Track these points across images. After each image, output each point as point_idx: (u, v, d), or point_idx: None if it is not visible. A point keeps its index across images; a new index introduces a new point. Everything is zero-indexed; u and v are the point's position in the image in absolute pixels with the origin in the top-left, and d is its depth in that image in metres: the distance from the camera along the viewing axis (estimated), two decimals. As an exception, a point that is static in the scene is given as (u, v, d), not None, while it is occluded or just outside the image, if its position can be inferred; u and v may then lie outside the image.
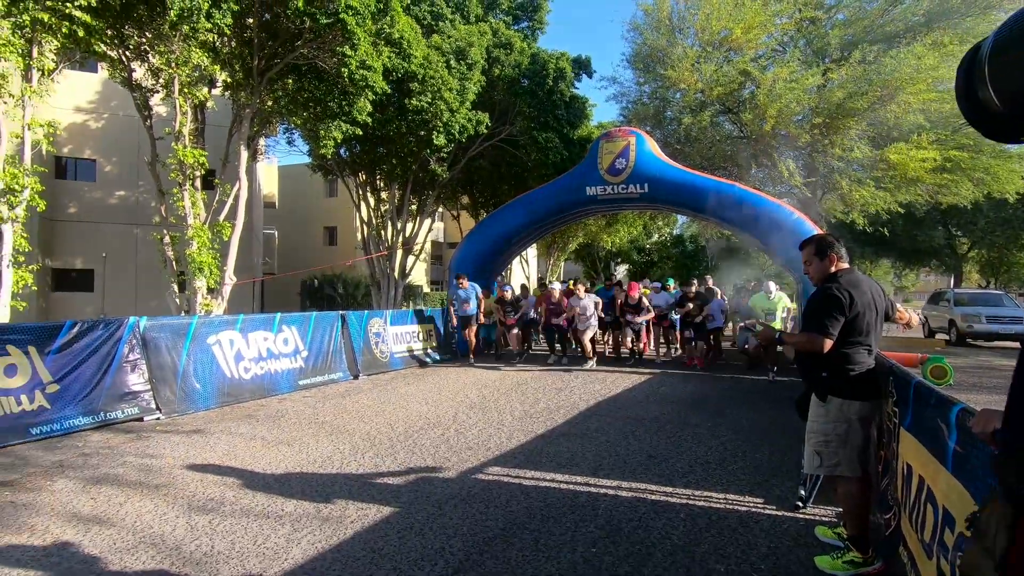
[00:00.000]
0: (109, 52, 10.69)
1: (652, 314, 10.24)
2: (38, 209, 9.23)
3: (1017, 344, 14.25)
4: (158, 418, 5.96)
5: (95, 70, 17.33)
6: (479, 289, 10.36)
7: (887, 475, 3.09)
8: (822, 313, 2.84)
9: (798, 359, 3.28)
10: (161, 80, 10.86)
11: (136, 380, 5.97)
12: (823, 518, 3.44)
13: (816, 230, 9.26)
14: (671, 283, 11.72)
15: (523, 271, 30.30)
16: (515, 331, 10.82)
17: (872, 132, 13.20)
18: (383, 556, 2.93)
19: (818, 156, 13.84)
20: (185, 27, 9.26)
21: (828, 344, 2.82)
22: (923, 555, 2.15)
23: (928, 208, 18.23)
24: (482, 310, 10.40)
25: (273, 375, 7.44)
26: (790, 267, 9.87)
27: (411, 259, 19.81)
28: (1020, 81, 1.20)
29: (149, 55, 10.92)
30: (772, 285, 8.95)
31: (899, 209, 14.98)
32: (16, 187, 8.46)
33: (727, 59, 14.37)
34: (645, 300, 10.20)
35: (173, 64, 9.99)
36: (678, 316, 10.37)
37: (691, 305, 9.74)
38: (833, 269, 3.00)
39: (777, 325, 7.85)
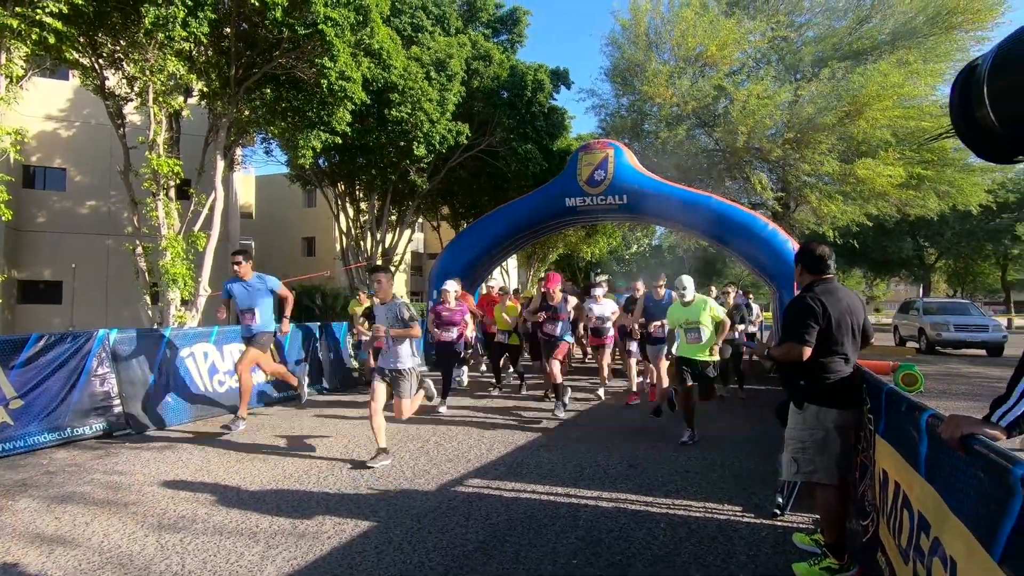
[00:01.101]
0: (81, 59, 10.48)
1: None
2: (3, 219, 8.95)
3: (983, 352, 14.69)
4: (128, 433, 5.79)
5: (67, 77, 16.98)
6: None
7: (864, 481, 3.13)
8: (797, 322, 2.91)
9: (779, 368, 3.33)
10: (135, 88, 10.68)
11: (105, 395, 5.79)
12: (801, 525, 3.47)
13: (790, 240, 9.46)
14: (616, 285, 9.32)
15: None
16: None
17: (841, 147, 13.56)
18: (360, 572, 2.88)
19: (790, 170, 14.16)
20: (160, 35, 9.13)
21: (807, 352, 2.88)
22: (900, 560, 2.18)
23: (897, 220, 18.77)
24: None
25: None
26: (765, 277, 10.04)
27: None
28: (1021, 102, 1.19)
29: (123, 63, 10.73)
30: (687, 282, 5.75)
31: (868, 222, 15.39)
32: (-19, 196, 8.20)
33: (702, 74, 14.67)
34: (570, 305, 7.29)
35: (148, 72, 9.82)
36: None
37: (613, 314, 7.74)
38: (809, 279, 3.07)
39: (706, 337, 5.49)
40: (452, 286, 7.32)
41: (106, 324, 15.27)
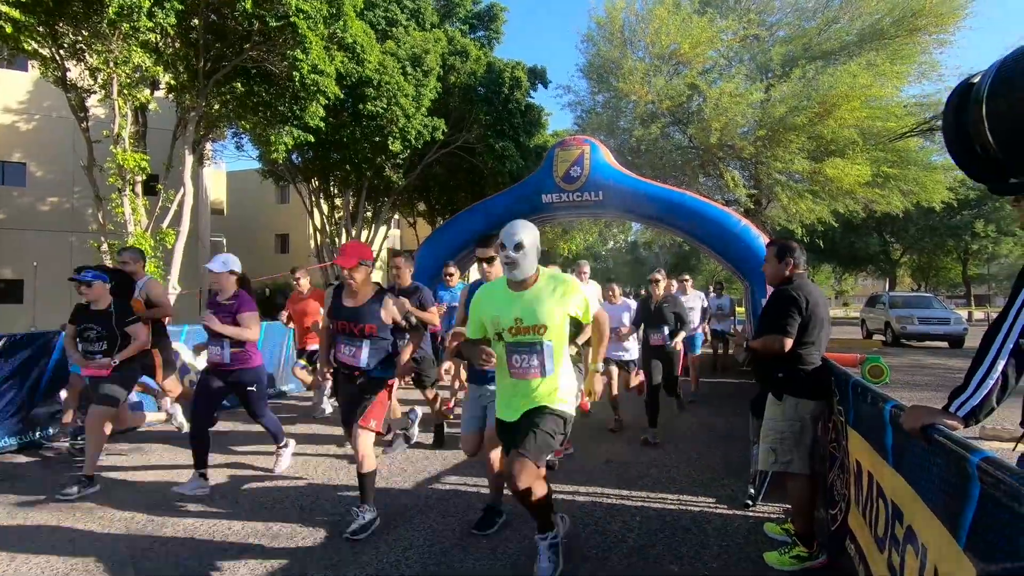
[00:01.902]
0: (41, 50, 10.12)
1: None
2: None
3: (945, 344, 15.20)
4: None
5: (26, 68, 16.37)
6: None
7: (833, 471, 3.21)
8: (782, 314, 2.98)
9: (755, 361, 3.39)
10: (99, 80, 10.35)
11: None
12: (772, 515, 3.55)
13: (761, 236, 9.63)
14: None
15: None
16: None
17: (811, 146, 13.86)
18: (336, 573, 2.85)
19: (762, 168, 14.43)
20: (125, 25, 8.86)
21: (789, 343, 2.96)
22: (874, 549, 2.23)
23: (864, 217, 19.29)
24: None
25: (220, 388, 7.15)
26: (739, 272, 10.21)
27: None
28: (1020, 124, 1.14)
29: (85, 54, 10.38)
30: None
31: (834, 221, 15.79)
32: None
33: (676, 72, 14.84)
34: None
35: (111, 64, 9.52)
36: None
37: None
38: (787, 273, 3.14)
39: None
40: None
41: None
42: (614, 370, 5.88)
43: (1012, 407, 1.69)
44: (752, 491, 3.78)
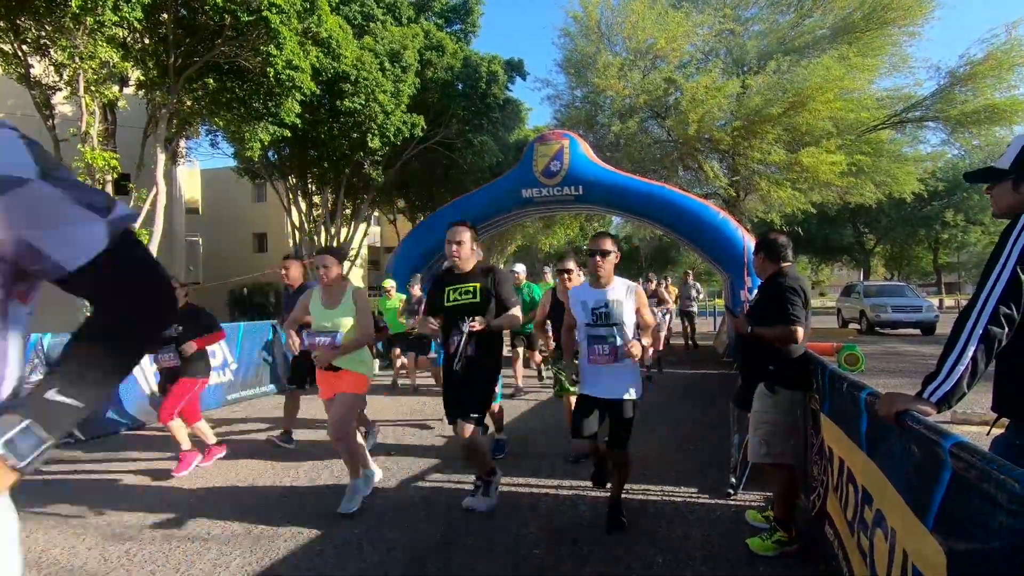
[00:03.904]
0: (2, 46, 9.78)
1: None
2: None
3: (918, 331, 15.58)
4: (68, 441, 5.48)
5: (-14, 65, 15.81)
6: None
7: (811, 457, 3.27)
8: (790, 304, 2.97)
9: (741, 353, 3.41)
10: (64, 77, 10.04)
11: (40, 403, 5.44)
12: (753, 503, 3.60)
13: (740, 228, 9.75)
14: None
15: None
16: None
17: (787, 137, 14.06)
18: (319, 574, 2.81)
19: (739, 159, 14.60)
20: (89, 20, 8.59)
21: (800, 332, 2.95)
22: (848, 532, 2.28)
23: (839, 208, 19.64)
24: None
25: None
26: (718, 264, 10.33)
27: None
28: None
29: (50, 49, 10.06)
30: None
31: (812, 209, 16.06)
32: None
33: (653, 66, 14.92)
34: None
35: (77, 60, 9.23)
36: None
37: None
38: (777, 266, 3.17)
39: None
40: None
41: (41, 328, 14.38)
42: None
43: (983, 392, 1.73)
44: (733, 480, 3.83)
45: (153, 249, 10.93)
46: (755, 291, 3.35)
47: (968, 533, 1.25)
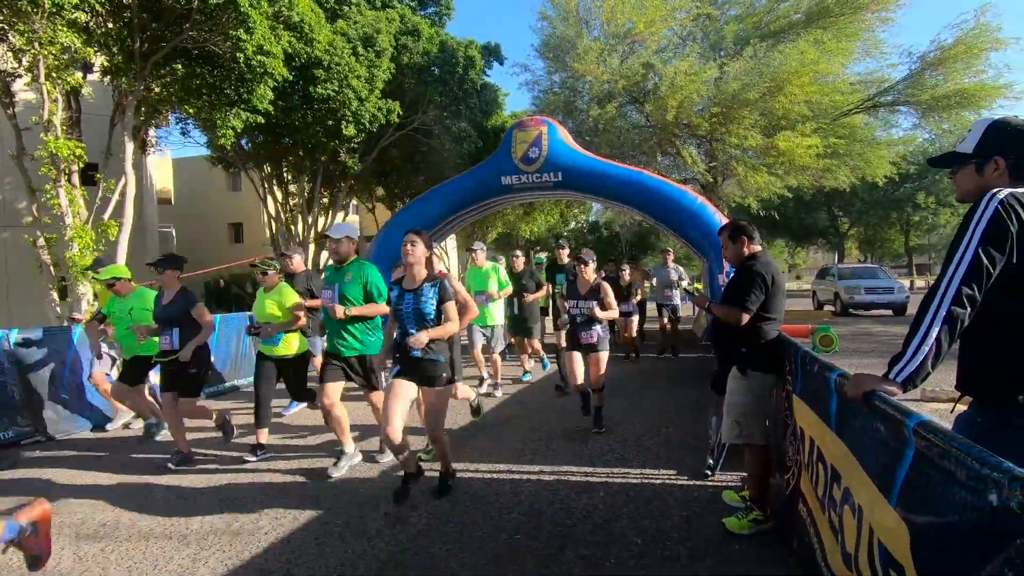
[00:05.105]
0: (-45, 30, 9.38)
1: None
2: None
3: (890, 312, 15.97)
4: (39, 440, 5.36)
5: (-60, 51, 15.14)
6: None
7: (786, 438, 3.34)
8: (745, 289, 3.05)
9: (715, 337, 3.49)
10: (23, 63, 9.67)
11: (8, 401, 5.32)
12: (730, 484, 3.67)
13: (717, 213, 9.84)
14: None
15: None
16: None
17: (764, 122, 14.17)
18: (300, 566, 2.81)
19: (717, 144, 14.69)
20: (47, 2, 8.27)
21: (746, 318, 3.04)
22: (819, 509, 2.34)
23: (814, 192, 19.91)
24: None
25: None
26: (696, 249, 10.42)
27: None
28: None
29: (8, 34, 9.66)
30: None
31: (788, 194, 16.26)
32: None
33: (631, 51, 14.87)
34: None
35: (36, 45, 8.89)
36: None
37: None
38: (746, 251, 3.21)
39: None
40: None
41: (7, 323, 13.99)
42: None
43: (949, 370, 1.78)
44: (711, 461, 3.90)
45: (124, 240, 10.68)
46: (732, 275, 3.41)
47: (930, 508, 1.29)
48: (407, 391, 3.46)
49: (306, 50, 12.92)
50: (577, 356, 5.06)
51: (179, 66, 10.80)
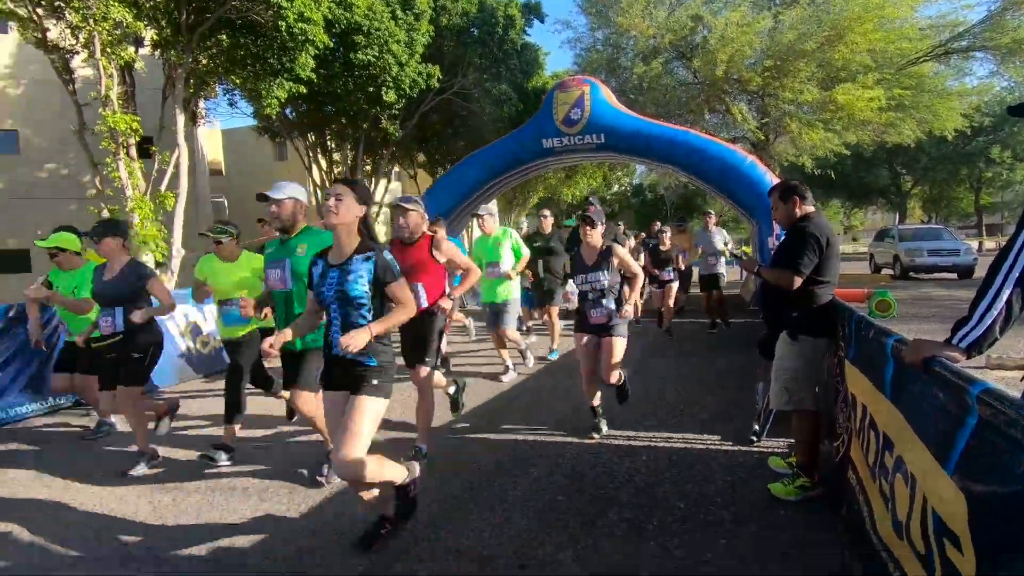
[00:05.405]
0: (16, 9, 9.76)
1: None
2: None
3: (954, 276, 15.09)
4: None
5: (5, 31, 15.86)
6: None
7: (837, 404, 3.25)
8: (797, 252, 2.93)
9: (764, 301, 3.38)
10: (80, 39, 10.02)
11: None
12: (776, 450, 3.62)
13: (768, 173, 9.43)
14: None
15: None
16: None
17: (821, 74, 13.34)
18: (348, 517, 2.94)
19: (770, 100, 13.96)
20: (100, -21, 8.48)
21: (798, 281, 2.92)
22: (869, 477, 2.28)
23: (874, 148, 18.77)
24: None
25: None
26: (745, 211, 10.06)
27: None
28: None
29: (64, 11, 10.00)
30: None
31: (846, 151, 15.36)
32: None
33: (679, 3, 14.16)
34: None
35: (91, 21, 9.18)
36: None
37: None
38: (798, 212, 3.07)
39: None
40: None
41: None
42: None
43: (1018, 336, 1.67)
44: (757, 427, 3.85)
45: (179, 211, 11.13)
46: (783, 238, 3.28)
47: (993, 478, 1.23)
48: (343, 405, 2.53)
49: (346, 15, 12.87)
50: (586, 344, 4.05)
51: (224, 37, 10.98)
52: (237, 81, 12.05)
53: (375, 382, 2.48)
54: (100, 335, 3.79)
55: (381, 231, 27.48)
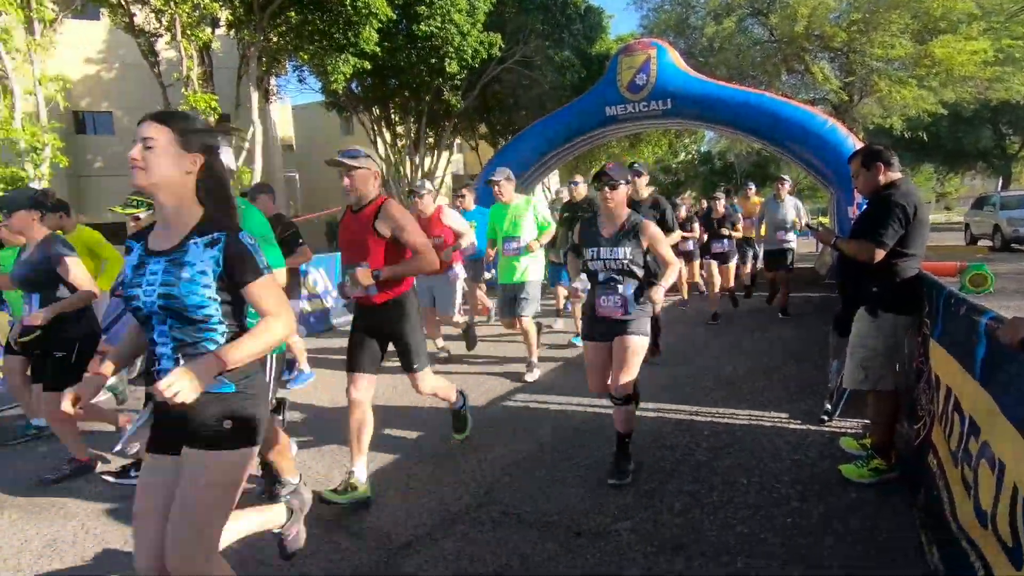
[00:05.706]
0: (106, -4, 10.45)
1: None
2: (61, 166, 9.36)
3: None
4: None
5: (97, 17, 16.97)
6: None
7: (920, 385, 3.06)
8: (881, 222, 2.73)
9: (843, 274, 3.18)
10: (163, 22, 10.61)
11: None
12: (848, 431, 3.46)
13: (851, 137, 8.79)
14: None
15: (545, 198, 29.85)
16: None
17: (916, 25, 12.15)
18: (417, 479, 3.08)
19: (855, 57, 12.91)
20: (178, -36, 8.91)
21: (880, 254, 2.73)
22: (951, 463, 2.16)
23: (976, 107, 17.03)
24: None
25: (304, 317, 7.62)
26: (822, 179, 9.46)
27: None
28: None
29: (148, -4, 10.62)
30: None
31: (943, 110, 14.03)
32: (37, 145, 8.57)
33: (756, -47, 13.22)
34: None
35: (172, 4, 9.70)
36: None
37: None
38: (882, 179, 2.85)
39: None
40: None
41: None
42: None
43: None
44: (828, 406, 3.68)
45: (256, 186, 11.72)
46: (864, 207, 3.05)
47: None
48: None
49: (407, -14, 12.93)
50: (596, 354, 3.09)
51: (292, 14, 11.31)
52: (305, 57, 12.43)
53: (228, 424, 1.51)
54: (23, 327, 3.09)
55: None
